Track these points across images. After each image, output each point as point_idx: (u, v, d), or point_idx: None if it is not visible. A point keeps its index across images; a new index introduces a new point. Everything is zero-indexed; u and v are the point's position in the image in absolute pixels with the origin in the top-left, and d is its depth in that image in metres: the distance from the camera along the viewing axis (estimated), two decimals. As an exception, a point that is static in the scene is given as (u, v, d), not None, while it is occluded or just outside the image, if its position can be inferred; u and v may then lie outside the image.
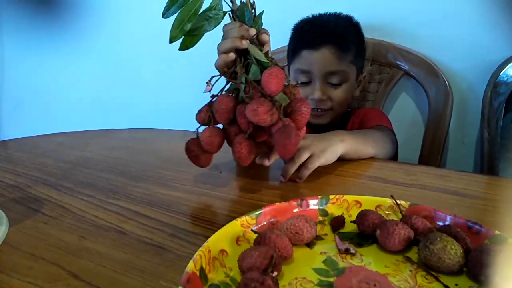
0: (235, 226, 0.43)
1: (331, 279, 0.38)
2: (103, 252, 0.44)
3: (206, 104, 0.57)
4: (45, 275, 0.40)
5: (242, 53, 0.57)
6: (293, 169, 0.62)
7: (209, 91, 0.55)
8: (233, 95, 0.56)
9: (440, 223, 0.45)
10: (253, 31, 0.57)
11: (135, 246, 0.45)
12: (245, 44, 0.56)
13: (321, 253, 0.42)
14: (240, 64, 0.56)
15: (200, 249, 0.38)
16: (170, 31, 0.55)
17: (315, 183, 0.62)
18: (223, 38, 0.59)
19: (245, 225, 0.44)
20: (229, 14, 0.60)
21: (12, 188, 0.62)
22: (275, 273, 0.36)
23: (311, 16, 0.95)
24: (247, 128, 0.53)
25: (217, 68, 0.60)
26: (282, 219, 0.45)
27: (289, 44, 0.97)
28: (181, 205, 0.56)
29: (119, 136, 0.90)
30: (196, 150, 0.57)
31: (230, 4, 0.59)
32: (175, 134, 0.58)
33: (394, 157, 0.88)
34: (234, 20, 0.60)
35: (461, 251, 0.38)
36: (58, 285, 0.39)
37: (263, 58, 0.55)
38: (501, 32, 0.98)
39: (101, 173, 0.67)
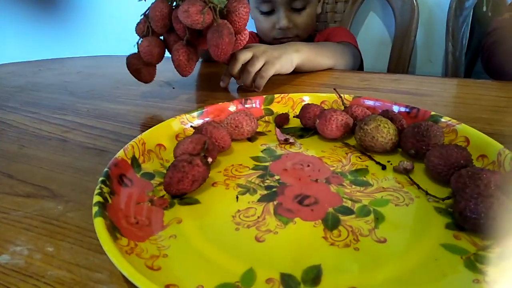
0: (175, 123, 0.43)
1: (267, 164, 0.38)
2: (42, 157, 0.43)
3: (143, 15, 0.54)
4: (-20, 178, 0.40)
5: None
6: (248, 78, 0.60)
7: (144, -1, 0.52)
8: (169, 2, 0.52)
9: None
10: None
11: (76, 150, 0.45)
12: None
13: (261, 145, 0.42)
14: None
15: (134, 140, 0.38)
16: None
17: (271, 93, 0.61)
18: None
19: (185, 122, 0.43)
20: None
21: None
22: (209, 159, 0.36)
23: None
24: (184, 34, 0.50)
25: None
26: (224, 118, 0.44)
27: None
28: (128, 116, 0.54)
29: (72, 63, 0.86)
30: (137, 63, 0.55)
31: None
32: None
33: None
34: None
35: (394, 129, 0.38)
36: (-8, 186, 0.38)
37: None
38: None
39: (49, 94, 0.65)
